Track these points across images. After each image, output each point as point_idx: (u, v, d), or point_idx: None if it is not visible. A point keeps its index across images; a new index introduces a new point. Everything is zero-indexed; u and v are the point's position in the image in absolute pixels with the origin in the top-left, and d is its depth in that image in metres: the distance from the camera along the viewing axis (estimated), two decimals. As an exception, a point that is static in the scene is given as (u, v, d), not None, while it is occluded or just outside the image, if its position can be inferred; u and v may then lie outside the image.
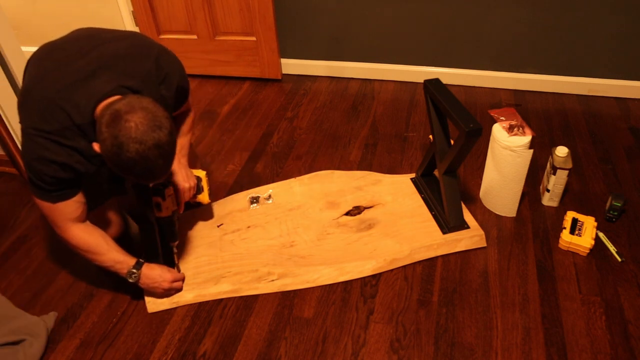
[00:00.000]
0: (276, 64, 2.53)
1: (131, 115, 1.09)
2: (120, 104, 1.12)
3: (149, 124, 1.10)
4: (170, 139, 1.15)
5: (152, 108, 1.13)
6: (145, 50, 1.33)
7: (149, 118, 1.11)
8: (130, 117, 1.09)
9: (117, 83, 1.23)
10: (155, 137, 1.11)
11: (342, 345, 1.34)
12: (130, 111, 1.10)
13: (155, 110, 1.13)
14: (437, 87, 1.57)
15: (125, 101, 1.13)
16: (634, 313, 1.37)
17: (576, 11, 2.10)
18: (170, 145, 1.16)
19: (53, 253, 1.68)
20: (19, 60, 1.84)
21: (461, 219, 1.63)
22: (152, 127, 1.10)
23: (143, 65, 1.30)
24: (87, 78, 1.21)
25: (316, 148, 2.08)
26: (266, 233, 1.67)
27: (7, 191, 1.97)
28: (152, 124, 1.11)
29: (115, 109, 1.11)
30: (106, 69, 1.24)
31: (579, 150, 1.97)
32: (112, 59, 1.26)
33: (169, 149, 1.16)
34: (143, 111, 1.11)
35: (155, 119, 1.12)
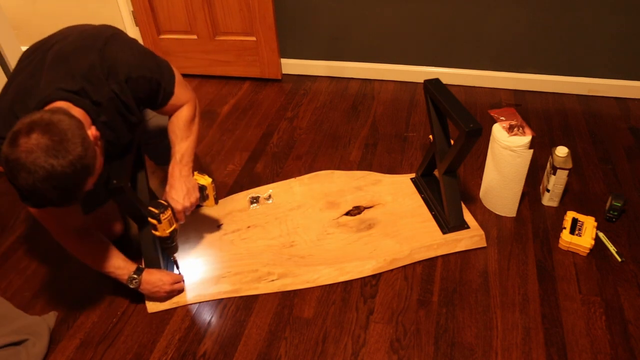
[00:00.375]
0: (276, 64, 2.53)
1: (27, 138, 0.97)
2: (23, 121, 1.00)
3: (45, 150, 0.97)
4: (69, 171, 1.00)
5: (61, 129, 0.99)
6: (90, 42, 1.20)
7: (46, 143, 0.97)
8: (25, 141, 0.97)
9: (54, 86, 1.13)
10: (46, 167, 0.97)
11: (342, 345, 1.34)
12: (28, 133, 0.97)
13: (64, 133, 0.99)
14: (437, 87, 1.57)
15: (31, 119, 1.00)
16: (634, 313, 1.37)
17: (576, 11, 2.10)
18: (69, 177, 1.01)
19: (53, 253, 1.68)
20: (19, 60, 1.84)
21: (461, 219, 1.63)
22: (48, 154, 0.97)
23: (86, 59, 1.17)
24: (34, 83, 1.15)
25: (316, 148, 2.08)
26: (266, 233, 1.67)
27: (7, 191, 1.97)
28: (49, 150, 0.97)
29: (16, 129, 0.99)
30: (50, 70, 1.16)
31: (579, 150, 1.97)
32: (56, 59, 1.17)
33: (67, 181, 1.01)
34: (43, 134, 0.97)
35: (56, 145, 0.98)
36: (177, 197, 1.38)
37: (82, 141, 1.02)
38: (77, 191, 1.05)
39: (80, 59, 1.17)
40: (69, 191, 1.04)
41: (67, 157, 0.99)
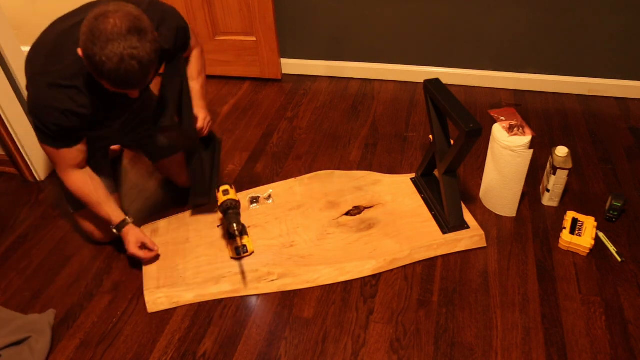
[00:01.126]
0: (276, 64, 2.53)
1: (113, 15, 1.06)
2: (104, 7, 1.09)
3: (130, 25, 1.07)
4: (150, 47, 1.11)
5: (138, 15, 1.10)
6: None
7: (131, 18, 1.08)
8: (112, 16, 1.06)
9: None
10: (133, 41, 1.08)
11: (342, 345, 1.34)
12: (115, 12, 1.07)
13: (141, 17, 1.10)
14: (437, 87, 1.57)
15: (111, 6, 1.09)
16: (634, 313, 1.37)
17: (576, 11, 2.10)
18: (153, 53, 1.12)
19: (53, 253, 1.68)
20: (19, 60, 1.84)
21: (461, 219, 1.63)
22: (132, 29, 1.08)
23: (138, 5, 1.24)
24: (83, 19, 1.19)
25: (316, 148, 2.08)
26: (266, 233, 1.67)
27: (7, 191, 1.97)
28: (133, 25, 1.08)
29: (99, 12, 1.08)
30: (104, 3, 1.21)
31: (579, 150, 1.97)
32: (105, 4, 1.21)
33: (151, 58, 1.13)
34: (123, 15, 1.08)
35: (138, 23, 1.09)
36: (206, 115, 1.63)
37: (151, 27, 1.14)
38: (155, 70, 1.19)
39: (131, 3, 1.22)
40: (151, 66, 1.14)
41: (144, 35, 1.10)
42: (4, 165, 2.04)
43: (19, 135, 1.90)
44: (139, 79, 1.15)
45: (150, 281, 1.52)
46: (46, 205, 1.88)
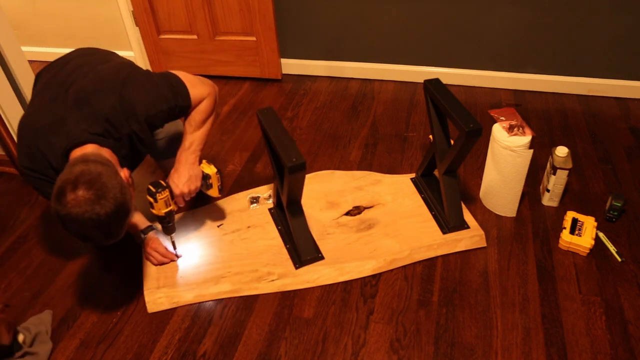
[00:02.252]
0: (276, 64, 2.53)
1: (73, 195, 1.12)
2: (66, 177, 1.15)
3: (90, 204, 1.12)
4: (113, 218, 1.16)
5: (102, 182, 1.15)
6: (109, 85, 1.32)
7: (91, 197, 1.12)
8: (72, 197, 1.12)
9: (81, 128, 1.27)
10: (94, 217, 1.13)
11: (342, 345, 1.34)
12: (74, 189, 1.12)
13: (104, 185, 1.15)
14: (437, 87, 1.57)
15: (74, 175, 1.14)
16: (634, 313, 1.37)
17: (576, 11, 2.10)
18: (113, 223, 1.17)
19: (53, 253, 1.68)
20: (19, 60, 1.84)
21: (461, 219, 1.63)
22: (93, 206, 1.13)
23: (108, 101, 1.29)
24: (63, 119, 1.28)
25: (316, 148, 2.08)
26: (266, 233, 1.67)
27: (7, 191, 1.97)
28: (94, 202, 1.13)
29: (61, 185, 1.14)
30: (78, 109, 1.28)
31: (579, 150, 1.97)
32: (82, 99, 1.29)
33: (112, 226, 1.18)
34: (88, 189, 1.13)
35: (99, 197, 1.13)
36: (179, 182, 1.46)
37: (120, 188, 1.18)
38: (120, 231, 1.22)
39: (101, 101, 1.29)
40: (115, 232, 1.20)
41: (109, 206, 1.15)
42: (4, 165, 2.04)
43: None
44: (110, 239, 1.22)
45: (150, 281, 1.52)
46: (46, 205, 1.88)
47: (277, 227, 1.68)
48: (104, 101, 1.29)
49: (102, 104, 1.29)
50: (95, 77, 1.33)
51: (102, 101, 1.29)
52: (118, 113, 1.30)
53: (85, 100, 1.29)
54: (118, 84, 1.32)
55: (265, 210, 1.76)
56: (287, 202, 1.53)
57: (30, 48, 2.88)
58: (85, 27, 2.72)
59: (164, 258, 1.56)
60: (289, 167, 1.33)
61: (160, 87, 1.36)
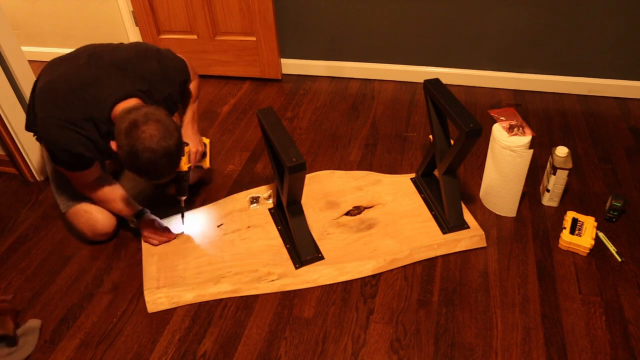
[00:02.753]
0: (276, 64, 2.53)
1: (146, 127, 1.25)
2: (138, 114, 1.27)
3: (161, 135, 1.26)
4: (177, 148, 1.31)
5: (164, 120, 1.29)
6: (148, 53, 1.49)
7: (161, 130, 1.27)
8: (146, 129, 1.25)
9: (132, 86, 1.40)
10: (165, 147, 1.27)
11: (342, 345, 1.34)
12: (146, 122, 1.26)
13: (167, 123, 1.29)
14: (437, 87, 1.57)
15: (142, 112, 1.28)
16: (634, 313, 1.37)
17: (576, 11, 2.10)
18: (177, 153, 1.33)
19: (53, 253, 1.68)
20: (19, 60, 1.84)
21: (461, 219, 1.63)
22: (164, 137, 1.27)
23: (148, 65, 1.46)
24: (103, 78, 1.38)
25: (316, 148, 2.08)
26: (266, 233, 1.67)
27: (7, 191, 1.97)
28: (164, 135, 1.27)
29: (134, 120, 1.26)
30: (120, 70, 1.41)
31: (579, 150, 1.97)
32: (122, 62, 1.42)
33: (176, 155, 1.33)
34: (157, 123, 1.27)
35: (167, 131, 1.28)
36: (193, 145, 1.65)
37: (177, 128, 1.33)
38: (179, 163, 1.38)
39: (142, 64, 1.45)
40: (176, 163, 1.35)
41: (173, 139, 1.30)
42: (4, 165, 2.04)
43: (19, 135, 1.90)
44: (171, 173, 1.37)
45: (150, 281, 1.52)
46: (46, 205, 1.88)
47: (277, 227, 1.68)
48: (144, 64, 1.45)
49: (143, 67, 1.44)
50: (126, 49, 1.48)
51: (142, 64, 1.45)
52: (158, 76, 1.47)
53: (126, 63, 1.42)
54: (153, 53, 1.50)
55: (265, 210, 1.76)
56: (287, 202, 1.53)
57: (30, 48, 2.88)
58: (85, 27, 2.73)
59: (163, 238, 1.63)
60: (289, 167, 1.33)
61: (180, 60, 1.58)
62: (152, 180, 1.40)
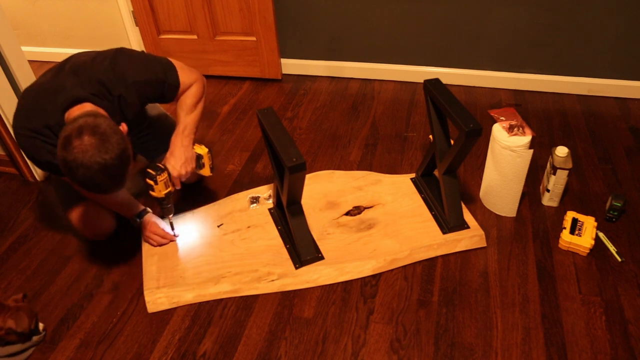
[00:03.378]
0: (276, 64, 2.53)
1: (79, 141, 1.18)
2: (74, 126, 1.20)
3: (95, 150, 1.19)
4: (116, 162, 1.22)
5: (103, 132, 1.21)
6: (102, 55, 1.43)
7: (95, 143, 1.19)
8: (78, 143, 1.18)
9: (83, 91, 1.35)
10: (99, 162, 1.19)
11: (342, 345, 1.34)
12: (80, 135, 1.19)
13: (106, 134, 1.21)
14: (437, 87, 1.57)
15: (79, 124, 1.20)
16: (634, 313, 1.37)
17: (576, 11, 2.10)
18: (119, 166, 1.23)
19: (53, 253, 1.68)
20: (19, 60, 1.84)
21: (461, 219, 1.63)
22: (98, 152, 1.19)
23: (101, 67, 1.39)
24: (62, 85, 1.36)
25: (316, 148, 2.08)
26: (266, 233, 1.67)
27: (7, 191, 1.97)
28: (98, 149, 1.19)
29: (69, 132, 1.20)
30: (76, 75, 1.37)
31: (579, 150, 1.97)
32: (79, 67, 1.39)
33: (116, 171, 1.23)
34: (92, 136, 1.19)
35: (103, 144, 1.19)
36: (175, 164, 1.53)
37: (121, 137, 1.24)
38: (124, 177, 1.28)
39: (96, 67, 1.39)
40: (119, 178, 1.26)
41: (114, 151, 1.21)
42: (4, 165, 2.04)
43: (19, 135, 1.90)
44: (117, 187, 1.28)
45: (150, 281, 1.52)
46: (46, 205, 1.88)
47: (277, 227, 1.68)
48: (97, 66, 1.39)
49: (96, 69, 1.39)
50: (90, 54, 1.45)
51: (96, 67, 1.39)
52: (110, 76, 1.39)
53: (82, 68, 1.39)
54: (111, 53, 1.43)
55: (265, 210, 1.76)
56: (287, 202, 1.53)
57: (30, 48, 2.88)
58: (85, 27, 2.73)
59: (163, 239, 1.63)
60: (289, 167, 1.33)
61: (152, 62, 1.47)
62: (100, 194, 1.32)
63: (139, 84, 1.42)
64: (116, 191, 1.31)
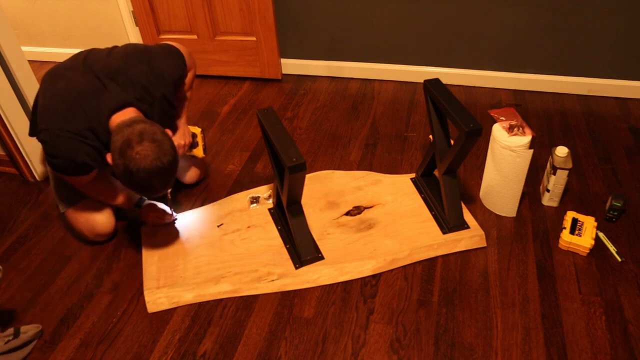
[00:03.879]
0: (276, 64, 2.53)
1: (141, 147, 1.27)
2: (133, 132, 1.28)
3: (155, 156, 1.28)
4: (171, 166, 1.32)
5: (159, 138, 1.30)
6: (136, 57, 1.49)
7: (155, 149, 1.28)
8: (140, 149, 1.27)
9: (126, 95, 1.41)
10: (159, 167, 1.29)
11: (342, 345, 1.34)
12: (141, 142, 1.27)
13: (161, 140, 1.30)
14: (437, 87, 1.57)
15: (138, 131, 1.29)
16: (634, 313, 1.37)
17: (576, 11, 2.10)
18: (172, 170, 1.34)
19: (53, 253, 1.68)
20: (19, 60, 1.84)
21: (461, 219, 1.63)
22: (158, 157, 1.28)
23: (139, 70, 1.46)
24: (99, 89, 1.40)
25: (316, 148, 2.08)
26: (266, 233, 1.67)
27: (7, 191, 1.97)
28: (157, 154, 1.28)
29: (128, 138, 1.28)
30: (113, 80, 1.41)
31: (579, 150, 1.97)
32: (114, 72, 1.43)
33: (170, 174, 1.34)
34: (151, 143, 1.28)
35: (161, 150, 1.29)
36: (178, 136, 1.69)
37: (171, 144, 1.34)
38: (174, 179, 1.38)
39: (134, 71, 1.45)
40: (171, 180, 1.36)
41: (167, 157, 1.31)
42: (4, 165, 2.04)
43: (19, 135, 1.90)
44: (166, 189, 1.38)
45: (150, 281, 1.52)
46: (46, 205, 1.88)
47: (277, 227, 1.68)
48: (135, 70, 1.45)
49: (135, 73, 1.44)
50: (117, 56, 1.48)
51: (134, 70, 1.45)
52: (151, 79, 1.47)
53: (118, 72, 1.43)
54: (143, 55, 1.49)
55: (265, 210, 1.76)
56: (287, 202, 1.53)
57: (30, 48, 2.88)
58: (85, 27, 2.73)
59: (164, 219, 1.69)
60: (289, 167, 1.33)
61: (173, 57, 1.57)
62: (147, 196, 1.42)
63: (175, 80, 1.55)
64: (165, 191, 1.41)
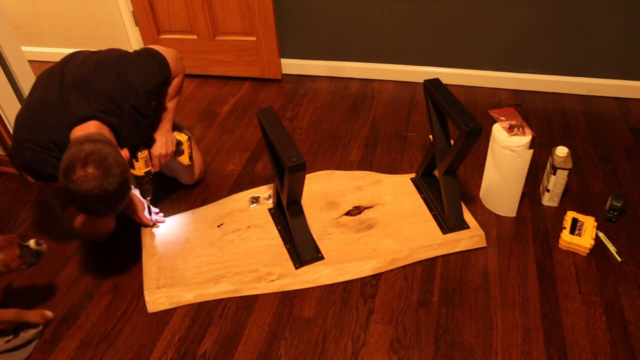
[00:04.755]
0: (276, 64, 2.53)
1: (82, 172, 1.21)
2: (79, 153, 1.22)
3: (97, 182, 1.21)
4: (117, 192, 1.25)
5: (107, 160, 1.23)
6: (105, 67, 1.43)
7: (98, 174, 1.21)
8: (81, 175, 1.20)
9: (89, 108, 1.35)
10: (100, 193, 1.22)
11: (342, 345, 1.34)
12: (83, 166, 1.21)
13: (109, 163, 1.23)
14: (437, 87, 1.57)
15: (84, 153, 1.22)
16: (634, 313, 1.37)
17: (576, 11, 2.10)
18: (118, 196, 1.27)
19: (53, 253, 1.68)
20: (19, 60, 1.84)
21: (461, 219, 1.63)
22: (100, 184, 1.22)
23: (107, 81, 1.40)
24: (65, 100, 1.36)
25: (316, 148, 2.08)
26: (266, 233, 1.67)
27: (7, 191, 1.97)
28: (101, 181, 1.22)
29: (72, 161, 1.22)
30: (80, 90, 1.37)
31: (579, 150, 1.97)
32: (81, 81, 1.38)
33: (117, 199, 1.27)
34: (95, 166, 1.21)
35: (106, 175, 1.22)
36: (158, 146, 1.61)
37: (124, 167, 1.28)
38: (122, 205, 1.31)
39: (101, 81, 1.39)
40: (117, 206, 1.29)
41: (115, 183, 1.24)
42: (4, 165, 2.04)
43: (19, 135, 1.90)
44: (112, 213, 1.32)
45: (150, 281, 1.52)
46: (46, 205, 1.88)
47: (277, 227, 1.68)
48: (103, 81, 1.39)
49: (102, 84, 1.39)
50: (89, 64, 1.42)
51: (101, 81, 1.39)
52: (118, 90, 1.40)
53: (85, 82, 1.38)
54: (113, 65, 1.43)
55: (265, 210, 1.76)
56: (287, 202, 1.53)
57: (30, 48, 2.88)
58: (85, 27, 2.73)
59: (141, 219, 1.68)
60: (289, 167, 1.33)
61: (150, 64, 1.49)
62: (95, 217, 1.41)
63: (148, 91, 1.47)
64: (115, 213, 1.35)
